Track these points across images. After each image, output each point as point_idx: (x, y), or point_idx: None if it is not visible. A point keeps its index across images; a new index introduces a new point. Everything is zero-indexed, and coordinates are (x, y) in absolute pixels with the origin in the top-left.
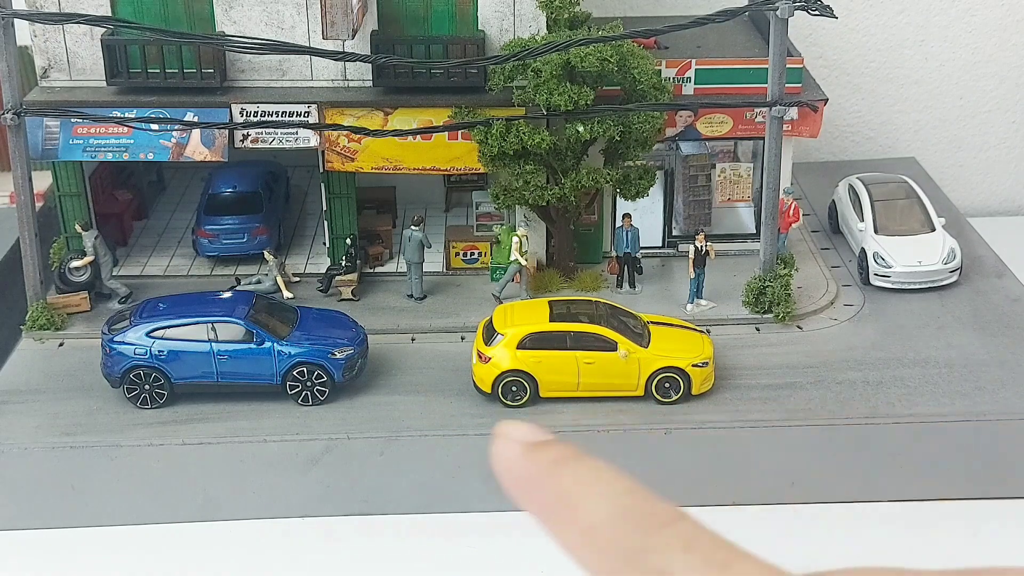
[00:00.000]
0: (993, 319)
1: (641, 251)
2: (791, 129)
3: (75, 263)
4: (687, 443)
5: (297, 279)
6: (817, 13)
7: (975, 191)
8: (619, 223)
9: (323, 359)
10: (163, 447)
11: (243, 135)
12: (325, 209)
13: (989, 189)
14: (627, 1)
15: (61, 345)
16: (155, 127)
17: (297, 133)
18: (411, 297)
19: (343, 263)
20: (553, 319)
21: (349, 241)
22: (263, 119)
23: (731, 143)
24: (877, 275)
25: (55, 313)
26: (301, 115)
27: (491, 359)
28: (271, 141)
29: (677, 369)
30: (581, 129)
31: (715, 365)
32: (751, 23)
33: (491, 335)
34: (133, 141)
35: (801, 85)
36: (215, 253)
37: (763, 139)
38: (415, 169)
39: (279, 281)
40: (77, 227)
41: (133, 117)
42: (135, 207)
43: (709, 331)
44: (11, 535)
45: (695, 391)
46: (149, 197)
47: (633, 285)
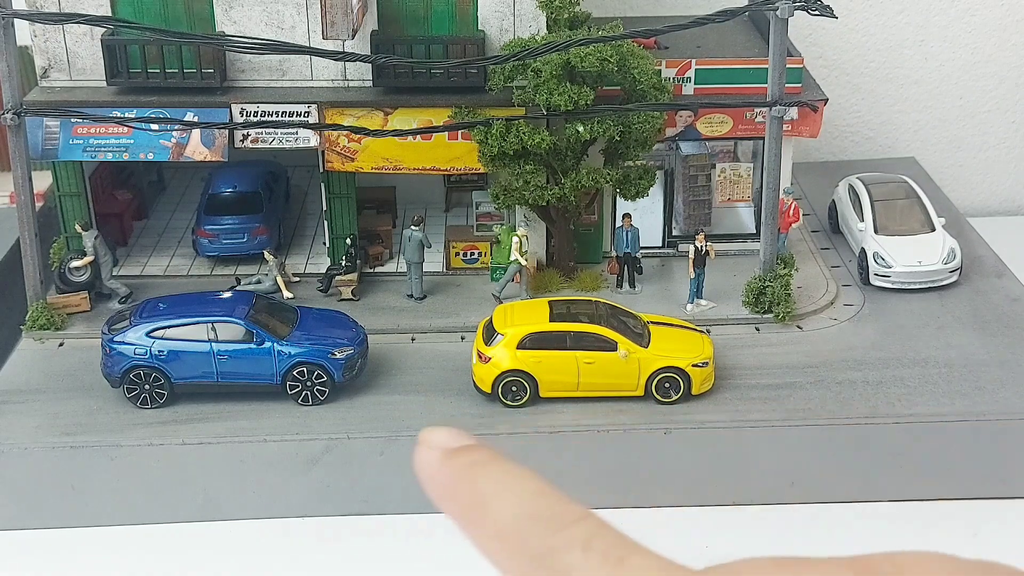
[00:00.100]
0: (993, 319)
1: (641, 251)
2: (791, 129)
3: (75, 263)
4: (687, 443)
5: (297, 279)
6: (817, 13)
7: (975, 191)
8: (619, 223)
9: (323, 359)
10: (163, 447)
11: (243, 135)
12: (325, 209)
13: (989, 189)
14: (627, 1)
15: (61, 345)
16: (155, 127)
17: (297, 133)
18: (411, 297)
19: (343, 263)
20: (553, 319)
21: (349, 241)
22: (263, 119)
23: (731, 143)
24: (877, 275)
25: (55, 313)
26: (301, 115)
27: (491, 359)
28: (271, 141)
29: (677, 369)
30: (581, 129)
31: (715, 365)
32: (751, 23)
33: (491, 335)
34: (133, 141)
35: (801, 85)
36: (215, 253)
37: (763, 139)
38: (415, 169)
39: (279, 281)
40: (77, 227)
41: (133, 117)
42: (135, 207)
43: (709, 331)
44: (11, 535)
45: (695, 391)
46: (149, 197)
47: (633, 285)
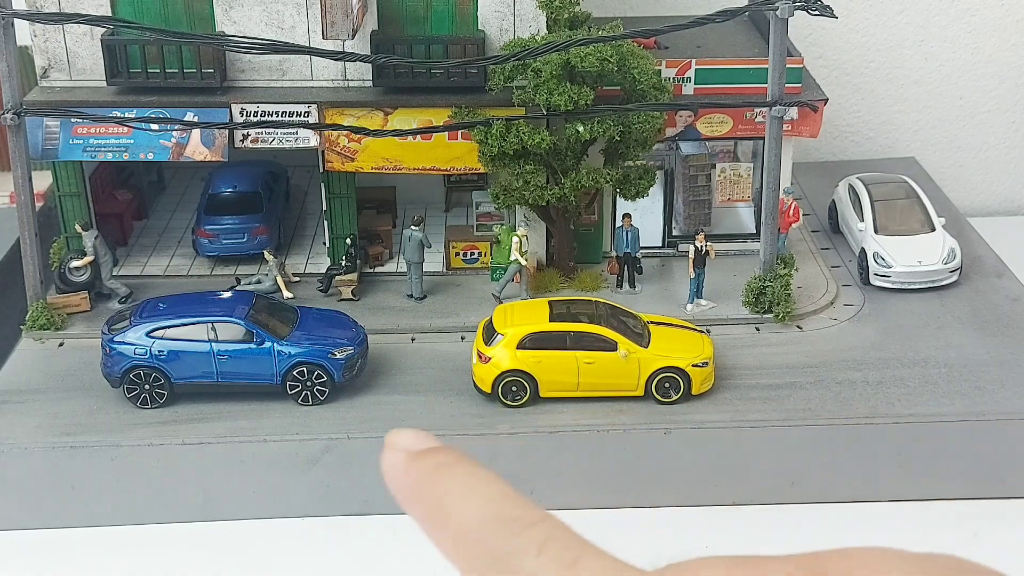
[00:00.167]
0: (993, 319)
1: (641, 251)
2: (791, 129)
3: (75, 263)
4: (687, 443)
5: (297, 279)
6: (817, 13)
7: (975, 191)
8: (619, 223)
9: (323, 359)
10: (163, 447)
11: (243, 135)
12: (325, 209)
13: (989, 189)
14: (627, 1)
15: (61, 345)
16: (155, 127)
17: (297, 133)
18: (411, 297)
19: (343, 263)
20: (553, 319)
21: (349, 241)
22: (263, 119)
23: (731, 143)
24: (877, 275)
25: (55, 313)
26: (301, 115)
27: (491, 359)
28: (271, 141)
29: (677, 369)
30: (581, 129)
31: (715, 365)
32: (751, 23)
33: (491, 335)
34: (133, 141)
35: (801, 85)
36: (215, 253)
37: (763, 139)
38: (415, 169)
39: (279, 281)
40: (77, 227)
41: (133, 117)
42: (135, 207)
43: (709, 331)
44: (11, 535)
45: (695, 391)
46: (149, 197)
47: (633, 285)
